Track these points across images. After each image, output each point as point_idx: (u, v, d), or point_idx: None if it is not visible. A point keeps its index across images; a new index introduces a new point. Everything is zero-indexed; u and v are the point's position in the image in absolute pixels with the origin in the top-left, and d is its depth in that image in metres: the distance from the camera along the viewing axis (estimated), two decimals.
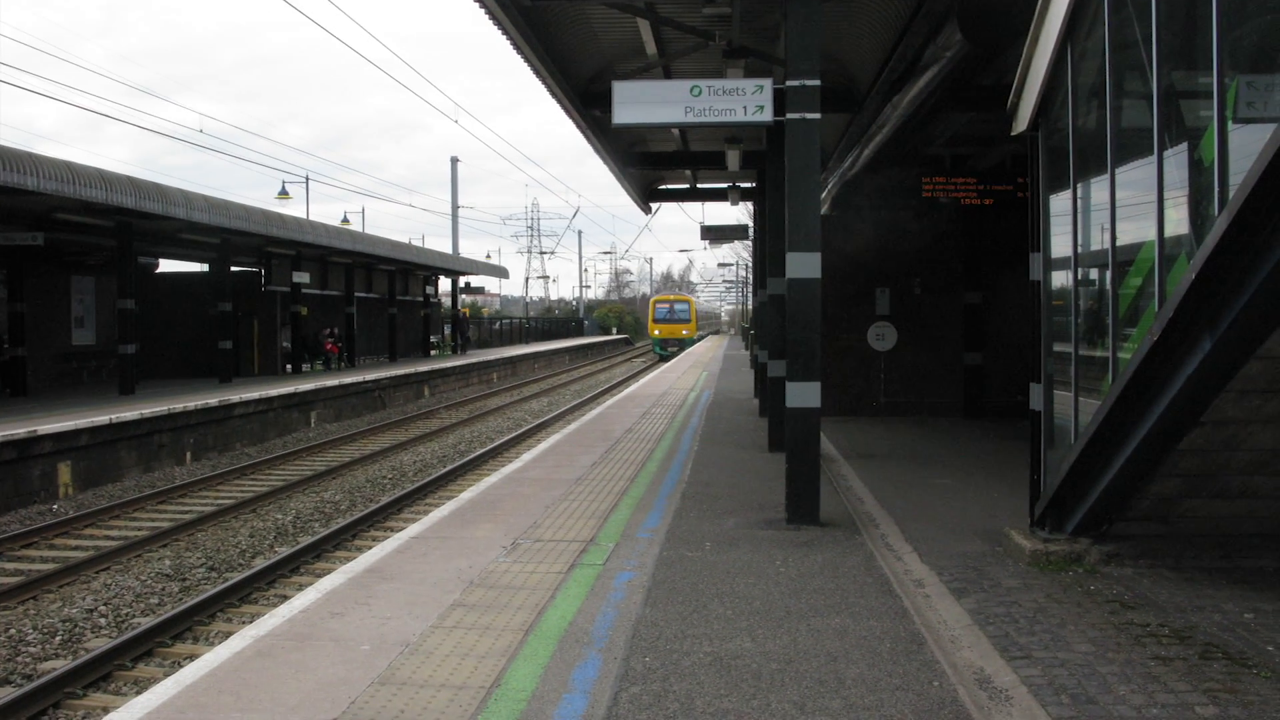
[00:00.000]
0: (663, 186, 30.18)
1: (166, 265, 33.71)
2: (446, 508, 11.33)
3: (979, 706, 5.64)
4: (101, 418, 18.16)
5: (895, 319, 21.15)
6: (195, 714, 5.46)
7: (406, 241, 44.35)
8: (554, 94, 16.44)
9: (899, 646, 6.64)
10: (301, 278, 32.58)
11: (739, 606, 7.51)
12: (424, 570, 8.55)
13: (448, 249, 57.40)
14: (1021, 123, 9.10)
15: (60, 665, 8.90)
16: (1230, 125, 6.08)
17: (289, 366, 32.99)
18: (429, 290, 48.61)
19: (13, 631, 9.90)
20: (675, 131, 20.88)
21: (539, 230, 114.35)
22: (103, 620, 10.30)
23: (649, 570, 8.55)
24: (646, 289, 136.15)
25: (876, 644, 6.64)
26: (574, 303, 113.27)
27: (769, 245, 17.26)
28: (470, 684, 5.90)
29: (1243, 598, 7.56)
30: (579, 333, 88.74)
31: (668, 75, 16.14)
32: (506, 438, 23.53)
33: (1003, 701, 5.73)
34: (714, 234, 35.02)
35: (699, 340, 77.09)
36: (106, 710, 7.56)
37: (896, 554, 9.21)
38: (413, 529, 10.19)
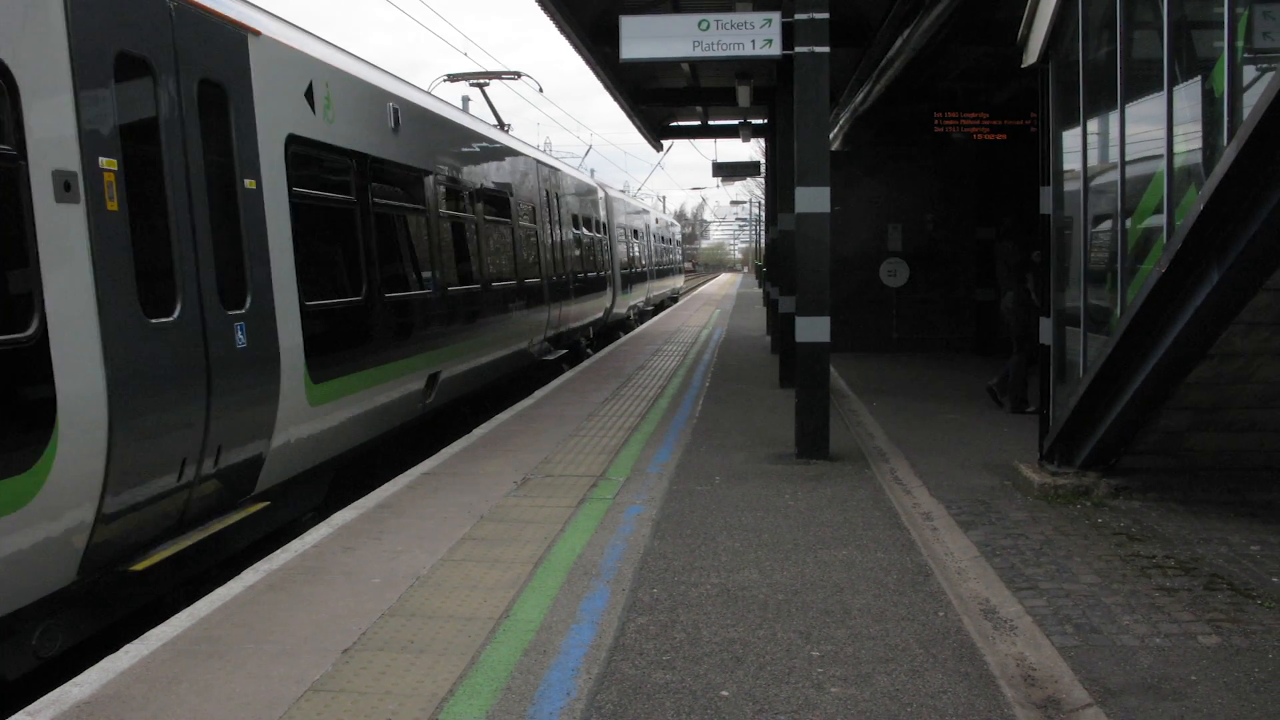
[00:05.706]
0: (674, 123, 29.99)
1: None
2: (458, 444, 11.39)
3: (983, 636, 5.70)
4: None
5: (907, 255, 21.03)
6: (208, 645, 5.54)
7: None
8: (562, 29, 16.29)
9: (905, 578, 6.69)
10: None
11: (747, 539, 7.56)
12: (435, 505, 8.62)
13: None
14: (1032, 55, 9.01)
15: None
16: (1241, 56, 6.03)
17: None
18: None
19: None
20: (685, 67, 20.68)
21: None
22: None
23: (658, 504, 8.60)
24: None
25: (883, 575, 6.70)
26: None
27: (780, 181, 17.19)
28: (479, 615, 5.97)
29: (1249, 530, 7.59)
30: None
31: (676, 9, 15.96)
32: None
33: (1007, 631, 5.78)
34: (726, 171, 34.84)
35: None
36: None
37: (905, 487, 9.25)
38: (424, 465, 10.26)
